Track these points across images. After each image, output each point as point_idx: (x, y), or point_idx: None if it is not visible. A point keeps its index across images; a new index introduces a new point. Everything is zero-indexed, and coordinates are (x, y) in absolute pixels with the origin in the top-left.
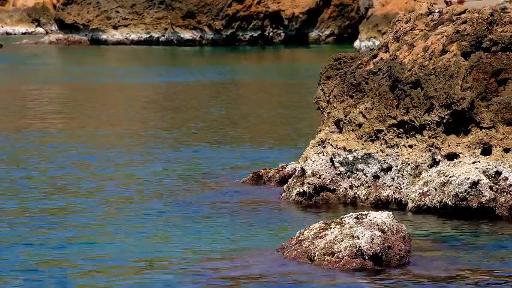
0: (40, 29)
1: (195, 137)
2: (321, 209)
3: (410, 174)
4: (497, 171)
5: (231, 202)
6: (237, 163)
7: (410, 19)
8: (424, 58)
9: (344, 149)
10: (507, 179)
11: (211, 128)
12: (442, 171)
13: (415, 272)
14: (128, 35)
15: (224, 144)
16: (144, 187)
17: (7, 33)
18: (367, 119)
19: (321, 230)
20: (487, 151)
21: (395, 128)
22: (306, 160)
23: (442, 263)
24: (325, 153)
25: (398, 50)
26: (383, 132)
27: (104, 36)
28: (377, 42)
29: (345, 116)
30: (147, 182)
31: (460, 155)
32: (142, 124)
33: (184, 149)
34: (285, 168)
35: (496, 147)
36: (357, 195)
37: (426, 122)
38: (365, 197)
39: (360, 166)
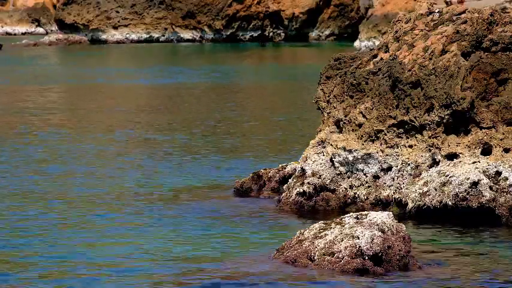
0: (40, 29)
1: (195, 137)
2: (321, 209)
3: (410, 174)
4: (497, 171)
5: (230, 202)
6: (236, 163)
7: (410, 19)
8: (424, 58)
9: (344, 149)
10: (507, 179)
11: (211, 128)
12: (442, 171)
13: (415, 272)
14: (128, 35)
15: (223, 144)
16: (143, 189)
17: (7, 33)
18: (367, 119)
19: (321, 230)
20: (487, 151)
21: (395, 128)
22: (306, 160)
23: (442, 263)
24: (325, 153)
25: (398, 50)
26: (383, 132)
27: (104, 36)
28: (377, 42)
29: (345, 116)
30: (146, 184)
31: (460, 155)
32: (141, 127)
33: (184, 149)
34: (285, 168)
35: (496, 147)
36: (357, 195)
37: (426, 122)
38: (365, 197)
39: (360, 166)
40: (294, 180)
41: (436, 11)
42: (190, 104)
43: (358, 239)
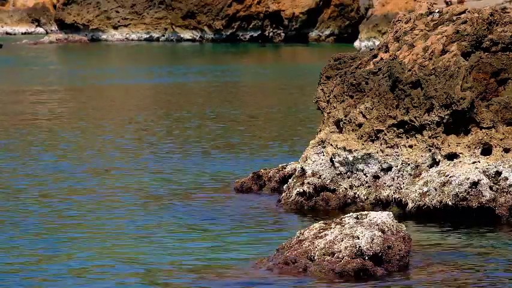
0: (40, 29)
1: (195, 137)
2: (320, 209)
3: (410, 174)
4: (497, 171)
5: (230, 202)
6: (236, 163)
7: (410, 19)
8: (424, 58)
9: (344, 149)
10: (507, 179)
11: (211, 128)
12: (442, 171)
13: (415, 272)
14: (128, 35)
15: (223, 144)
16: (142, 190)
17: (7, 33)
18: (367, 119)
19: (321, 230)
20: (487, 151)
21: (395, 128)
22: (306, 160)
23: (442, 263)
24: (325, 153)
25: (398, 50)
26: (383, 132)
27: (104, 36)
28: (377, 42)
29: (345, 116)
30: (145, 184)
31: (460, 155)
32: (141, 127)
33: (184, 149)
34: (285, 168)
35: (496, 147)
36: (357, 195)
37: (426, 122)
38: (365, 197)
39: (360, 166)
40: (294, 180)
41: (436, 11)
42: (189, 103)
43: (358, 239)
